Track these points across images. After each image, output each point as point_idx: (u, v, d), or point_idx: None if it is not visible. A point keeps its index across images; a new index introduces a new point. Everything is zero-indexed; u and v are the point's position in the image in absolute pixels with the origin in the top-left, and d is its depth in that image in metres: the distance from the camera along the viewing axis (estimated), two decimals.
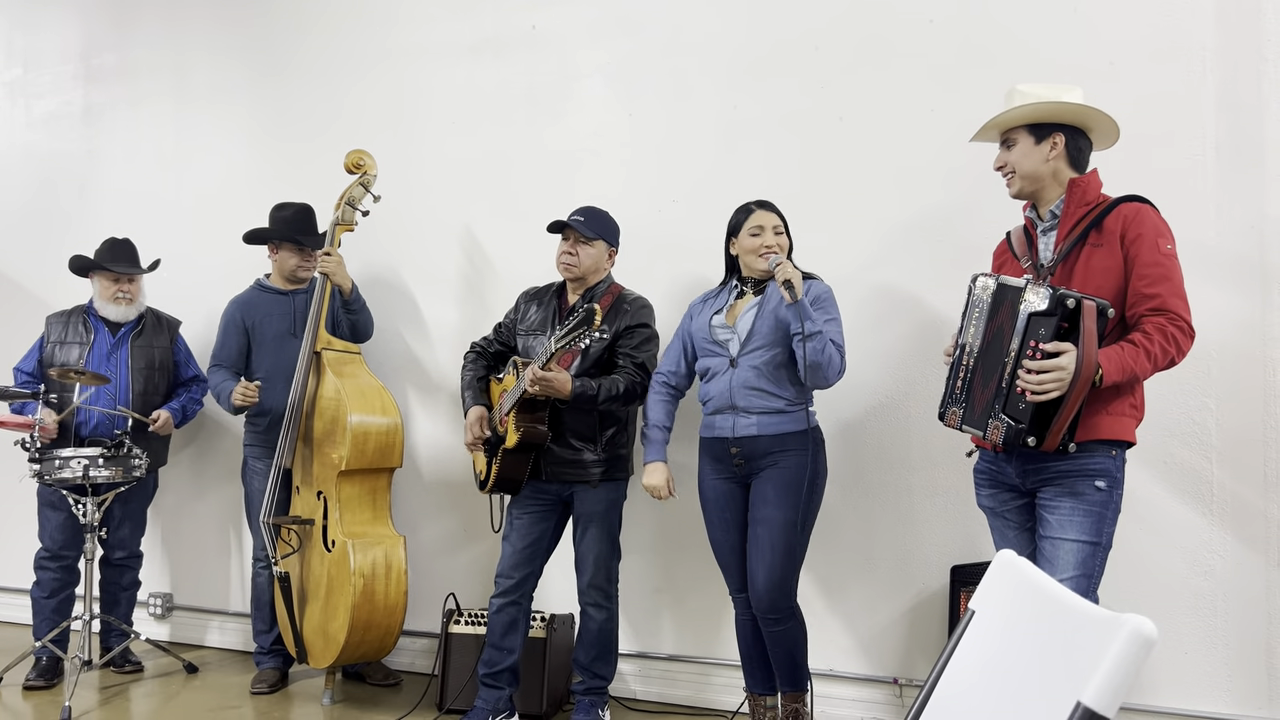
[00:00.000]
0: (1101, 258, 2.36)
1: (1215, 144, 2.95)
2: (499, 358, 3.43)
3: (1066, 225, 2.44)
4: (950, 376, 2.50)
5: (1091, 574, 2.37)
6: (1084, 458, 2.35)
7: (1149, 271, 2.32)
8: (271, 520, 3.67)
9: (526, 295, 3.44)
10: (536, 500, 3.27)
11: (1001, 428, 2.31)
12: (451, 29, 4.05)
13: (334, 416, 3.59)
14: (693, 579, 3.60)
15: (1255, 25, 2.92)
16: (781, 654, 2.90)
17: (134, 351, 3.97)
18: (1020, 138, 2.48)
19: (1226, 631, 2.92)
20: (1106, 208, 2.40)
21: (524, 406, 3.11)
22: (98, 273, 3.97)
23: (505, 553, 3.29)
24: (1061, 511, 2.37)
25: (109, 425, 3.85)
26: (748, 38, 3.56)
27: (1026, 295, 2.28)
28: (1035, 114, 2.46)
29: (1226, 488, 2.93)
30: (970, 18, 3.25)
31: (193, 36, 4.59)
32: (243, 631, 4.32)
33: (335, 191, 3.83)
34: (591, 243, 3.23)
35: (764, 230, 2.93)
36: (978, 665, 1.51)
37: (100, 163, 4.78)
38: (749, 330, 2.89)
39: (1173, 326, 2.30)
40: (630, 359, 3.18)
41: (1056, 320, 2.22)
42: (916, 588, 3.30)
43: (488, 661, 3.28)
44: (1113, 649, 1.15)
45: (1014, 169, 2.50)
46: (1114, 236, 2.36)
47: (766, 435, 2.85)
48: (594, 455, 3.20)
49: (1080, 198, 2.44)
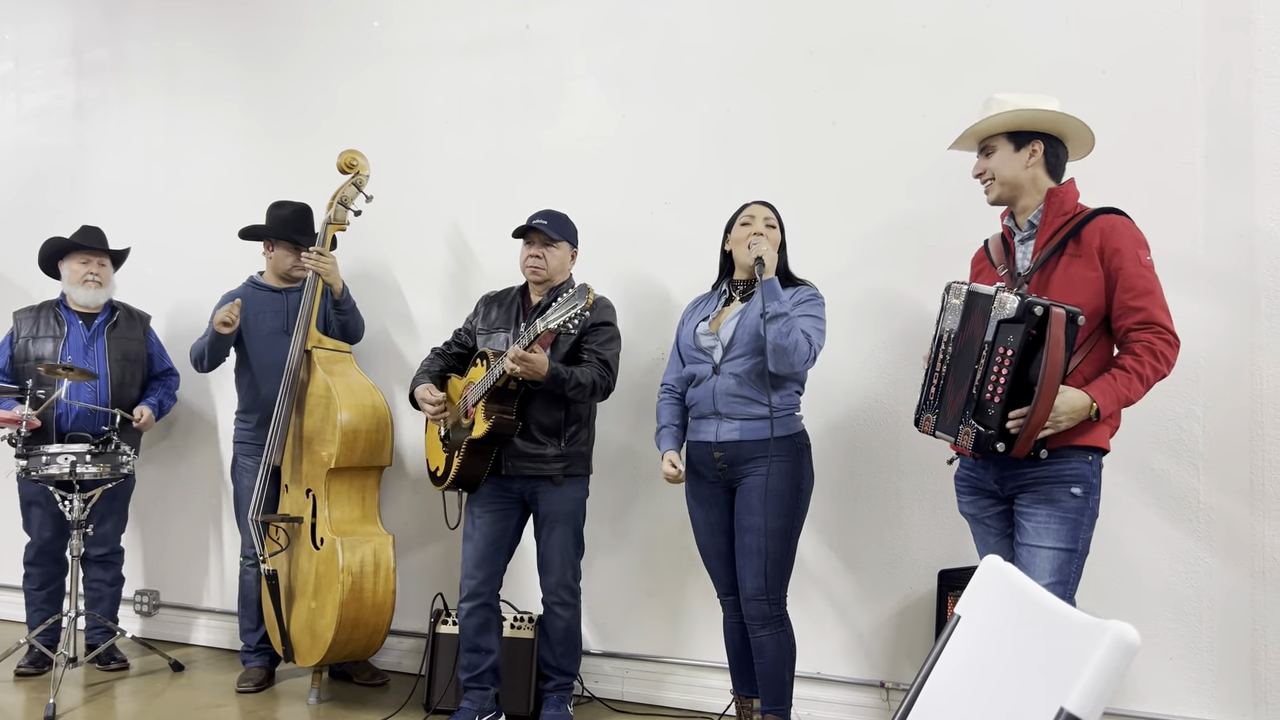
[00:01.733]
0: (1080, 268, 2.38)
1: (1205, 154, 2.97)
2: (458, 360, 3.43)
3: (1045, 234, 2.47)
4: (925, 383, 2.52)
5: (1067, 580, 2.38)
6: (1059, 464, 2.37)
7: (1134, 284, 2.34)
8: (260, 518, 3.66)
9: (487, 299, 3.46)
10: (498, 498, 3.27)
11: (972, 434, 2.33)
12: (446, 28, 4.05)
13: (324, 414, 3.58)
14: (682, 581, 3.60)
15: (1245, 35, 2.94)
16: (767, 665, 2.88)
17: (110, 344, 3.97)
18: (999, 145, 2.52)
19: (1211, 638, 2.94)
20: (1084, 218, 2.42)
21: (494, 396, 3.11)
22: (68, 257, 3.96)
23: (469, 554, 3.28)
24: (1038, 519, 2.39)
25: (89, 420, 3.84)
26: (741, 41, 3.56)
27: (996, 303, 2.30)
28: (1014, 121, 2.49)
29: (1212, 496, 2.95)
30: (963, 23, 3.26)
31: (185, 32, 4.58)
32: (229, 630, 4.31)
33: (328, 189, 3.82)
34: (557, 244, 3.26)
35: (754, 219, 2.94)
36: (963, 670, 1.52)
37: (91, 158, 4.77)
38: (731, 337, 2.89)
39: (1160, 341, 2.33)
40: (596, 354, 3.20)
41: (1025, 328, 2.23)
42: (904, 592, 3.31)
43: (468, 666, 3.28)
44: (1096, 655, 1.16)
45: (993, 175, 2.53)
46: (1091, 249, 2.38)
47: (750, 440, 2.85)
48: (556, 450, 3.20)
49: (1058, 207, 2.47)
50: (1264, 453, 2.90)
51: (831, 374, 3.33)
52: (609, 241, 3.71)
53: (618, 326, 3.32)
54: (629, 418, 3.65)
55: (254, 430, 3.81)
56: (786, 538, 2.86)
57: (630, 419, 3.65)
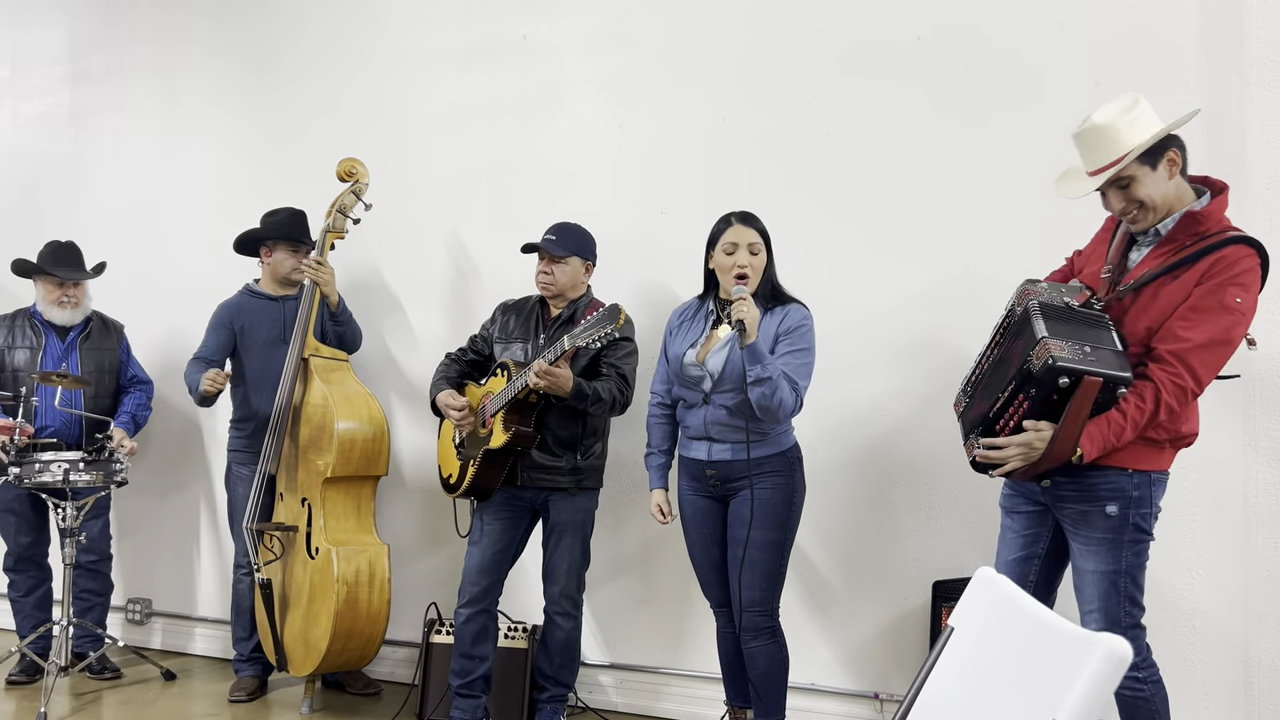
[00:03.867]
0: (1171, 292, 2.21)
1: (1198, 163, 2.98)
2: (473, 366, 3.42)
3: (1167, 249, 2.27)
4: (975, 365, 2.45)
5: (1118, 601, 2.27)
6: (1094, 479, 2.27)
7: (1193, 311, 2.16)
8: (255, 526, 3.65)
9: (504, 306, 3.44)
10: (510, 506, 3.26)
11: (971, 452, 2.35)
12: (443, 37, 4.06)
13: (320, 423, 3.57)
14: (676, 591, 3.60)
15: (1239, 46, 2.96)
16: (759, 676, 2.88)
17: (84, 355, 3.95)
18: (1135, 171, 2.24)
19: (1205, 651, 2.94)
20: (1215, 244, 2.20)
21: (513, 407, 3.10)
22: (41, 278, 3.93)
23: (473, 560, 3.27)
24: (1078, 540, 2.33)
25: (68, 429, 3.83)
26: (737, 52, 3.57)
27: (1036, 348, 2.13)
28: (1155, 138, 2.22)
29: (1205, 508, 2.95)
30: (958, 35, 3.27)
31: (183, 40, 4.58)
32: (222, 638, 4.29)
33: (325, 198, 3.82)
34: (565, 260, 3.24)
35: (738, 248, 2.84)
36: (957, 682, 1.52)
37: (87, 165, 4.76)
38: (720, 372, 2.86)
39: (1175, 388, 2.16)
40: (615, 369, 3.19)
41: (1047, 390, 2.11)
42: (898, 602, 3.31)
43: (460, 671, 3.27)
44: (1087, 668, 1.16)
45: (1141, 203, 2.26)
46: (1198, 273, 2.19)
47: (742, 460, 2.85)
48: (572, 463, 3.20)
49: (1192, 227, 2.25)
50: (1256, 464, 2.90)
51: (824, 384, 3.33)
52: (606, 250, 3.71)
53: (635, 342, 3.31)
54: (623, 427, 3.64)
55: (249, 438, 3.80)
56: (779, 550, 2.86)
57: (625, 429, 3.65)
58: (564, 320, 3.27)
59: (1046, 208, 2.97)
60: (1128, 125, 2.23)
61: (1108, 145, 2.25)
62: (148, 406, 4.12)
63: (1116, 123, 2.24)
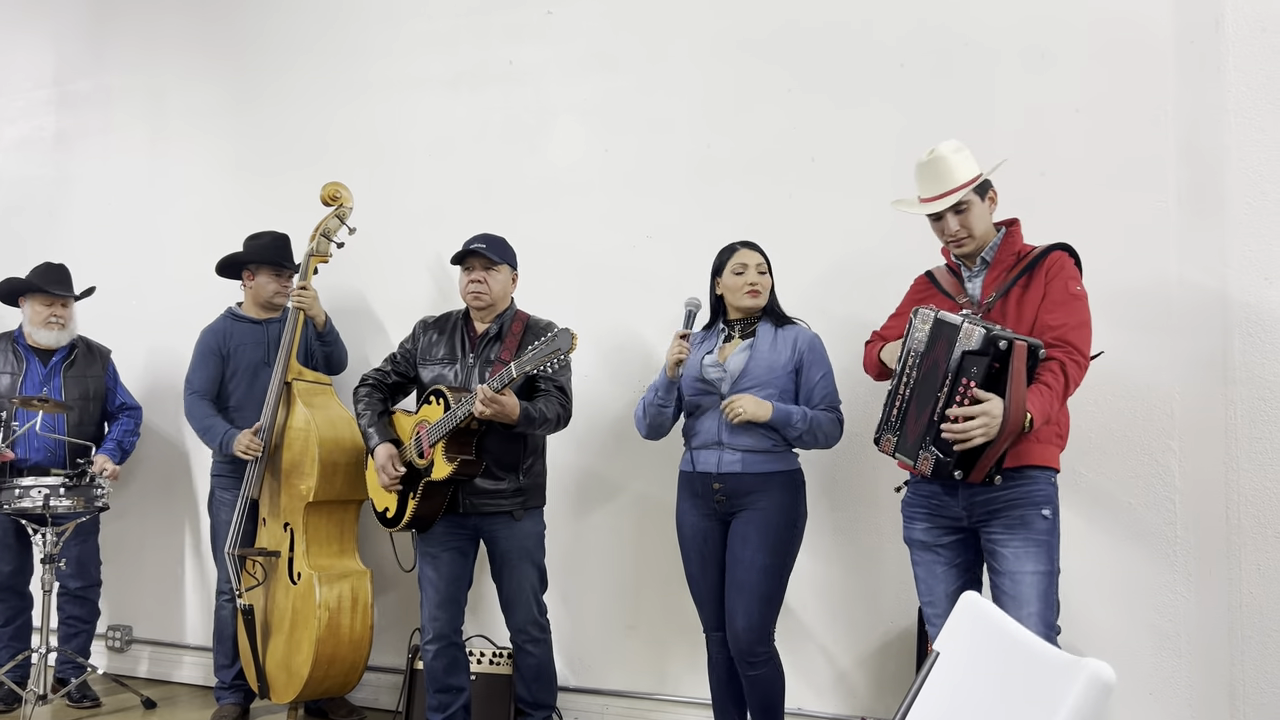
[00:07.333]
0: (1031, 297, 2.48)
1: (1176, 193, 3.02)
2: (396, 389, 3.38)
3: (999, 270, 2.56)
4: (887, 403, 2.55)
5: (1052, 603, 2.43)
6: (1028, 485, 2.44)
7: (1055, 304, 2.44)
8: (237, 552, 3.61)
9: (425, 323, 3.39)
10: (454, 535, 3.21)
11: (931, 460, 2.37)
12: (430, 62, 4.08)
13: (303, 447, 3.56)
14: (664, 616, 3.58)
15: (1216, 77, 3.00)
16: (757, 702, 2.86)
17: (67, 382, 3.92)
18: (972, 200, 2.55)
19: (1190, 673, 2.94)
20: (1040, 254, 2.52)
21: (454, 436, 3.05)
22: (30, 296, 3.91)
23: (430, 595, 3.21)
24: (1014, 544, 2.43)
25: (49, 455, 3.79)
26: (721, 78, 3.60)
27: (962, 333, 2.32)
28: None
29: (1190, 529, 2.96)
30: (940, 61, 3.31)
31: (168, 64, 4.59)
32: (204, 666, 4.24)
33: (310, 222, 3.82)
34: (497, 268, 3.22)
35: (747, 268, 2.94)
36: (943, 706, 1.52)
37: (71, 190, 4.75)
38: (741, 370, 2.89)
39: (1070, 362, 2.40)
40: (552, 382, 3.15)
41: (988, 360, 2.27)
42: (884, 626, 3.30)
43: (439, 706, 3.22)
44: (1072, 693, 1.16)
45: (969, 233, 2.56)
46: (1043, 281, 2.49)
47: (750, 473, 2.85)
48: (514, 484, 3.16)
49: (1011, 246, 2.58)
50: (1239, 486, 2.92)
51: None
52: (591, 275, 3.72)
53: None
54: (608, 447, 3.64)
55: (232, 463, 3.77)
56: (779, 575, 2.85)
57: (609, 449, 3.64)
58: (492, 337, 3.22)
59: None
60: (960, 163, 2.55)
61: (948, 175, 2.54)
62: (135, 433, 4.09)
63: (953, 159, 2.55)
